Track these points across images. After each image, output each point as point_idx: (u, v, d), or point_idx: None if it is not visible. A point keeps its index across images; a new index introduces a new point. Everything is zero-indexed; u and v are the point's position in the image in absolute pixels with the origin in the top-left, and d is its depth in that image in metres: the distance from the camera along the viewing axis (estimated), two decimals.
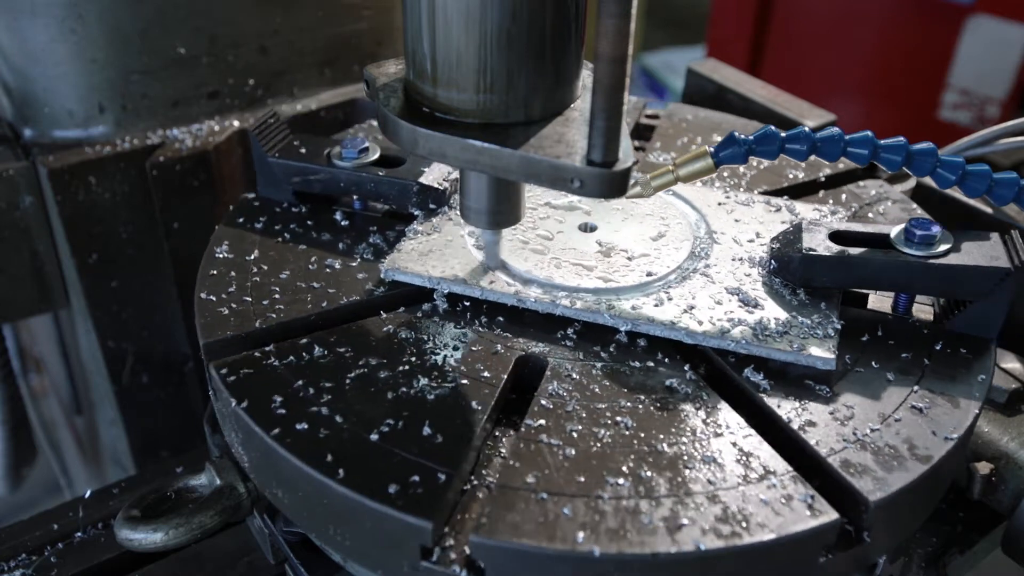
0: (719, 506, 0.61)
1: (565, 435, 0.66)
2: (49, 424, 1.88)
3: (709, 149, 0.78)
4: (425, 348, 0.74)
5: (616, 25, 0.58)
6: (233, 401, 0.68)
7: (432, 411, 0.67)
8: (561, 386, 0.70)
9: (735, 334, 0.74)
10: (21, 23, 1.06)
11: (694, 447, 0.65)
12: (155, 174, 1.11)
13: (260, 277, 0.81)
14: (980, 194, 0.77)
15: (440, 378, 0.71)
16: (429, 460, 0.63)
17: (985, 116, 2.69)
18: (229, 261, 0.83)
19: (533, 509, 0.60)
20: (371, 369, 0.71)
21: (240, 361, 0.72)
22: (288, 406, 0.68)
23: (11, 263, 1.13)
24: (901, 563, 0.79)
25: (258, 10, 1.16)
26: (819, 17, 3.03)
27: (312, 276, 0.82)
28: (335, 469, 0.62)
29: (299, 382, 0.70)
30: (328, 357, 0.73)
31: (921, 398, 0.71)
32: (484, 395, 0.69)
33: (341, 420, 0.66)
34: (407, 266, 0.81)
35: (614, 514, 0.60)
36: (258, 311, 0.77)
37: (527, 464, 0.63)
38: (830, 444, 0.66)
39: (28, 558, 0.84)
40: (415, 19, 0.67)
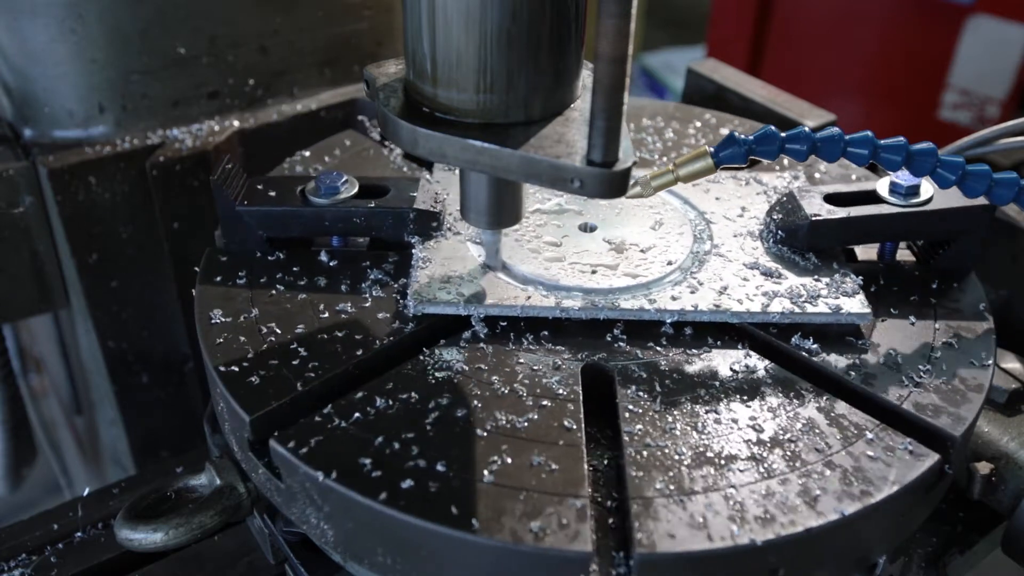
0: (837, 471, 0.64)
1: (669, 434, 0.67)
2: (49, 424, 1.88)
3: (709, 149, 0.78)
4: (488, 377, 0.71)
5: (616, 25, 0.58)
6: (319, 474, 0.62)
7: (530, 439, 0.66)
8: (638, 388, 0.71)
9: (775, 307, 0.77)
10: (21, 23, 1.06)
11: (787, 420, 0.68)
12: (155, 174, 1.11)
13: (275, 337, 0.75)
14: (980, 194, 0.77)
15: (519, 404, 0.69)
16: (555, 490, 0.61)
17: (985, 116, 2.69)
18: (231, 326, 0.76)
19: (678, 514, 0.60)
20: (445, 409, 0.68)
21: (303, 430, 0.66)
22: (381, 466, 0.63)
23: (11, 263, 1.13)
24: (901, 563, 0.79)
25: (258, 10, 1.16)
26: (819, 17, 3.02)
27: (330, 325, 0.76)
28: (466, 520, 0.59)
29: (379, 439, 0.65)
30: (395, 406, 0.68)
31: (945, 333, 0.78)
32: (571, 412, 0.68)
33: (444, 469, 0.63)
34: (435, 297, 0.77)
35: (752, 501, 0.61)
36: (293, 373, 0.71)
37: (650, 471, 0.63)
38: (896, 392, 0.71)
39: (28, 558, 0.84)
40: (415, 19, 0.67)
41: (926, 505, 0.70)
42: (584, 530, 0.59)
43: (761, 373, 0.73)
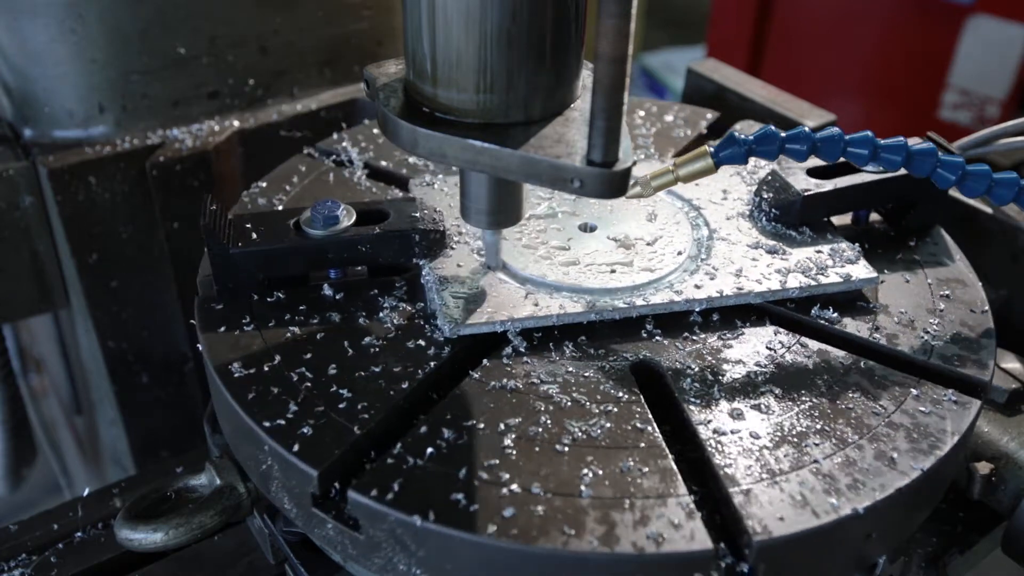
0: (901, 431, 0.68)
1: (738, 420, 0.68)
2: (49, 424, 1.88)
3: (709, 149, 0.78)
4: (547, 391, 0.70)
5: (616, 25, 0.58)
6: (416, 518, 0.59)
7: (611, 447, 0.65)
8: (692, 379, 0.72)
9: (792, 282, 0.80)
10: (21, 23, 1.06)
11: (838, 389, 0.72)
12: (155, 174, 1.11)
13: (310, 382, 0.70)
14: (980, 194, 0.77)
15: (586, 413, 0.68)
16: (655, 493, 0.62)
17: (985, 116, 2.69)
18: (257, 377, 0.70)
19: (778, 496, 0.62)
20: (517, 429, 0.66)
21: (380, 475, 0.62)
22: (475, 499, 0.61)
23: (11, 263, 1.13)
24: (901, 563, 0.79)
25: (258, 10, 1.17)
26: (819, 17, 3.03)
27: (364, 361, 0.72)
28: (582, 539, 0.58)
29: (462, 471, 0.63)
30: (465, 435, 0.66)
31: (939, 286, 0.83)
32: (639, 413, 0.68)
33: (540, 490, 0.61)
34: (471, 319, 0.75)
35: (839, 472, 0.64)
36: (345, 417, 0.67)
37: (735, 458, 0.65)
38: (920, 347, 0.76)
39: (28, 558, 0.84)
40: (415, 19, 0.67)
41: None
42: (699, 527, 0.59)
43: (797, 348, 0.76)
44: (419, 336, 0.75)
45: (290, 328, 0.75)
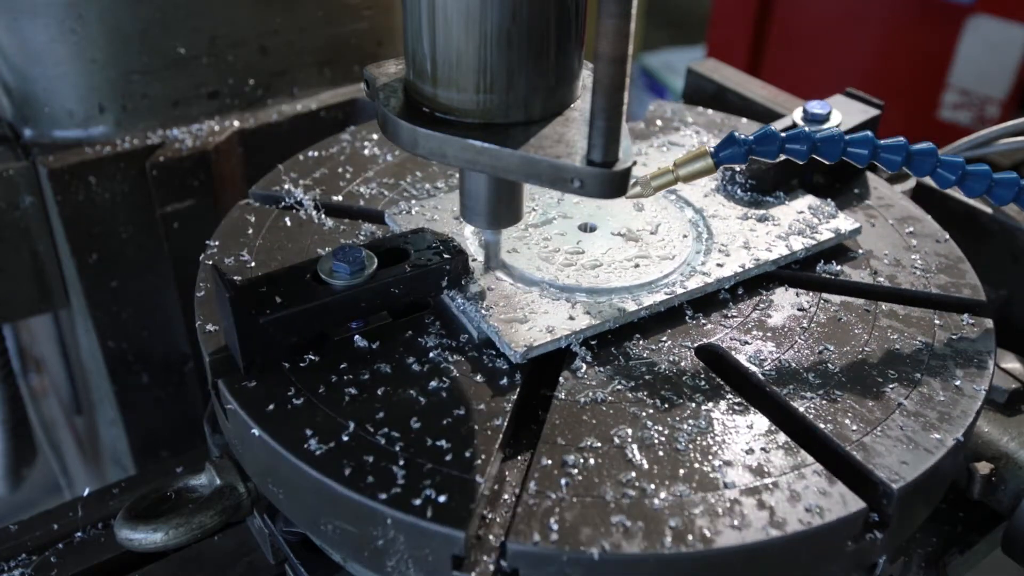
0: (949, 360, 0.74)
1: (823, 379, 0.72)
2: (49, 424, 1.88)
3: (709, 149, 0.78)
4: (640, 395, 0.70)
5: (616, 25, 0.58)
6: (595, 551, 0.58)
7: (731, 433, 0.67)
8: (755, 353, 0.74)
9: (796, 245, 0.84)
10: (21, 23, 1.06)
11: (880, 332, 0.77)
12: (155, 174, 1.11)
13: (403, 443, 0.65)
14: (980, 194, 0.77)
15: (693, 408, 0.69)
16: (806, 465, 0.64)
17: (985, 116, 2.69)
18: (342, 450, 0.64)
19: (899, 437, 0.67)
20: (638, 438, 0.66)
21: (529, 518, 0.60)
22: (639, 516, 0.60)
23: (11, 263, 1.13)
24: (901, 563, 0.79)
25: (258, 10, 1.16)
26: (819, 17, 3.02)
27: (440, 408, 0.68)
28: (751, 522, 0.60)
29: (607, 492, 0.62)
30: (590, 459, 0.64)
31: (900, 225, 0.91)
32: (729, 396, 0.70)
33: (698, 493, 0.62)
34: (534, 340, 0.72)
35: (925, 408, 0.69)
36: (460, 468, 0.63)
37: (842, 417, 0.68)
38: (919, 284, 0.83)
39: (28, 558, 0.84)
40: (415, 19, 0.67)
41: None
42: (845, 491, 0.62)
43: (822, 304, 0.80)
44: (482, 368, 0.72)
45: (345, 390, 0.69)
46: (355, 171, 0.97)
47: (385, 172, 0.97)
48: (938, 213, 0.95)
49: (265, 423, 0.66)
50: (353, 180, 0.96)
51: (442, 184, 0.95)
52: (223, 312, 0.70)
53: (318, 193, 0.92)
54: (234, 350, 0.70)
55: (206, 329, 0.75)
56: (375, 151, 1.00)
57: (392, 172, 0.97)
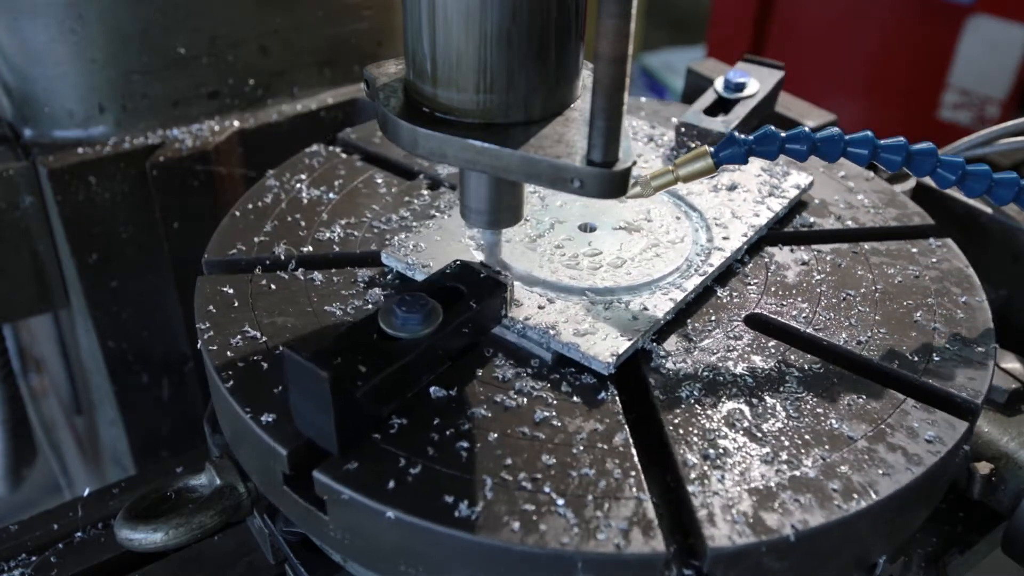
0: (944, 280, 0.84)
1: (863, 318, 0.78)
2: (49, 424, 1.88)
3: (709, 149, 0.78)
4: (727, 377, 0.72)
5: (616, 25, 0.58)
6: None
7: (837, 391, 0.71)
8: (796, 314, 0.79)
9: (775, 206, 0.90)
10: (21, 23, 1.06)
11: (884, 271, 0.85)
12: (155, 174, 1.11)
13: (549, 485, 0.62)
14: (980, 194, 0.77)
15: (786, 376, 0.72)
16: (915, 407, 0.70)
17: (985, 116, 2.69)
18: (499, 505, 0.60)
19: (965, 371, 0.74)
20: (762, 416, 0.68)
21: (708, 527, 0.59)
22: (793, 488, 0.62)
23: (11, 263, 1.13)
24: (901, 563, 0.79)
25: (258, 10, 1.16)
26: (819, 17, 3.02)
27: (560, 438, 0.65)
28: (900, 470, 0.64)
29: (748, 483, 0.62)
30: (721, 448, 0.65)
31: (829, 170, 0.99)
32: (798, 361, 0.74)
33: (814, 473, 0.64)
34: (617, 348, 0.71)
35: (944, 326, 0.79)
36: (616, 492, 0.62)
37: (897, 351, 0.75)
38: (881, 220, 0.91)
39: (28, 558, 0.84)
40: (415, 19, 0.67)
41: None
42: (946, 415, 0.69)
43: (818, 255, 0.86)
44: (572, 388, 0.70)
45: (457, 445, 0.64)
46: (305, 218, 0.89)
47: (337, 212, 0.90)
48: (938, 213, 0.96)
49: (398, 503, 0.60)
50: (310, 227, 0.88)
51: (405, 212, 0.90)
52: (304, 396, 0.61)
53: (283, 249, 0.84)
54: (322, 434, 0.62)
55: (262, 420, 0.66)
56: (313, 193, 0.93)
57: (345, 211, 0.91)
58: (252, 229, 0.88)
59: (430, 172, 0.98)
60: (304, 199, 0.92)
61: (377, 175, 0.97)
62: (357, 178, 0.96)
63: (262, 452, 0.66)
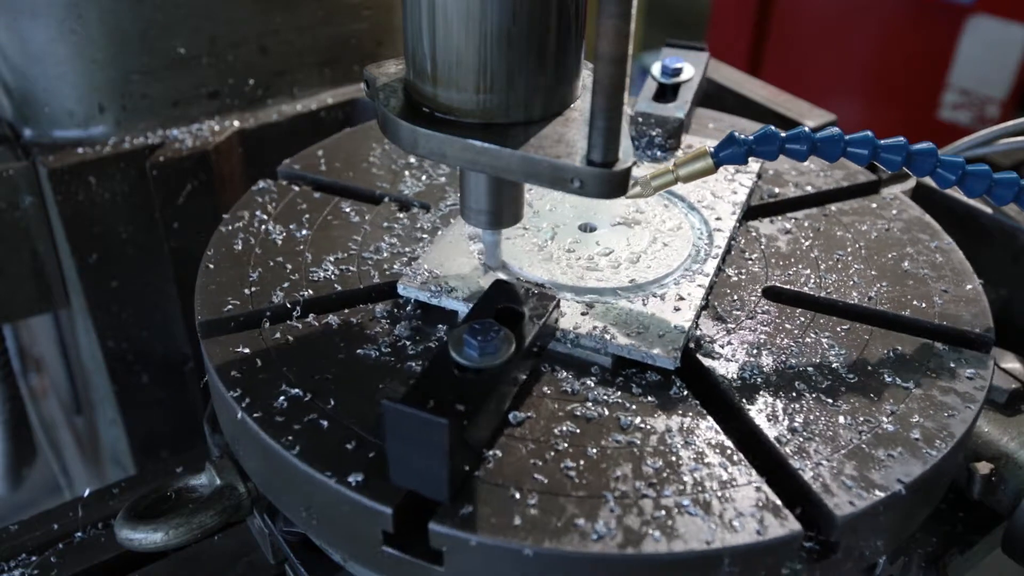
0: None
1: (869, 284, 0.82)
2: (49, 424, 1.88)
3: (709, 149, 0.78)
4: (778, 346, 0.75)
5: (616, 25, 0.58)
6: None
7: (863, 339, 0.76)
8: (803, 280, 0.83)
9: (747, 182, 0.94)
10: (21, 23, 1.06)
11: (874, 220, 0.91)
12: (155, 174, 1.11)
13: (690, 495, 0.61)
14: (980, 194, 0.77)
15: (820, 336, 0.76)
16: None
17: (985, 116, 2.69)
18: (639, 523, 0.59)
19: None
20: (837, 384, 0.71)
21: (844, 499, 0.61)
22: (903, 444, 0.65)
23: (11, 263, 1.13)
24: (901, 563, 0.79)
25: (258, 10, 1.17)
26: (819, 17, 3.02)
27: (665, 445, 0.65)
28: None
29: (852, 448, 0.64)
30: (816, 419, 0.67)
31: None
32: (830, 324, 0.78)
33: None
34: (675, 343, 0.72)
35: (927, 271, 0.85)
36: (752, 489, 0.62)
37: (920, 299, 0.81)
38: (833, 182, 0.97)
39: (28, 558, 0.84)
40: (415, 19, 0.67)
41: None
42: (967, 350, 0.76)
43: (799, 221, 0.91)
44: (643, 389, 0.70)
45: (564, 470, 0.63)
46: (288, 260, 0.83)
47: (320, 248, 0.84)
48: (938, 213, 0.96)
49: (532, 537, 0.57)
50: (298, 269, 0.82)
51: (391, 239, 0.86)
52: (409, 446, 0.57)
53: (282, 296, 0.78)
54: (430, 483, 0.58)
55: (350, 482, 0.60)
56: (283, 232, 0.87)
57: (327, 246, 0.85)
58: (238, 280, 0.80)
59: (393, 194, 0.93)
60: (277, 240, 0.86)
61: (342, 204, 0.91)
62: (322, 210, 0.90)
63: (355, 516, 0.61)
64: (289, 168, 0.98)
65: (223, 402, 0.70)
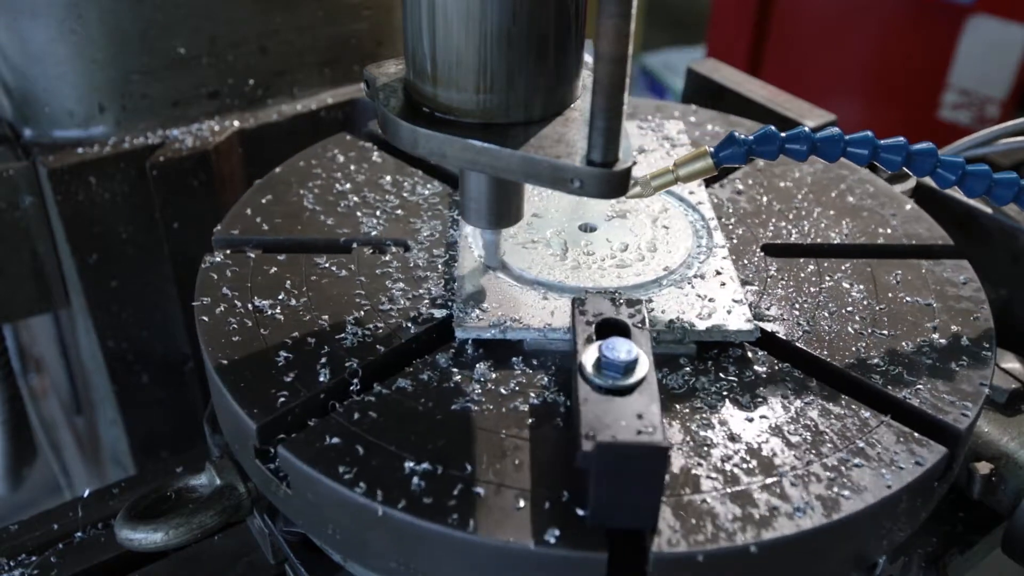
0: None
1: (849, 236, 0.88)
2: (49, 424, 1.88)
3: (709, 149, 0.78)
4: (807, 306, 0.79)
5: (616, 25, 0.58)
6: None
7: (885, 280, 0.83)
8: (799, 232, 0.88)
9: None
10: (21, 23, 1.06)
11: (850, 184, 0.97)
12: (155, 174, 1.11)
13: (835, 465, 0.64)
14: (980, 194, 0.77)
15: (847, 285, 0.82)
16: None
17: (985, 116, 2.69)
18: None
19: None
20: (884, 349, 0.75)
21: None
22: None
23: (11, 263, 1.13)
24: (901, 563, 0.79)
25: (258, 10, 1.16)
26: (819, 17, 3.03)
27: (813, 417, 0.67)
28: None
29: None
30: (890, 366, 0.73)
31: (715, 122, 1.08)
32: (842, 265, 0.84)
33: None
34: (745, 316, 0.75)
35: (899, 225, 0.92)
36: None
37: (911, 237, 0.88)
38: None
39: (28, 558, 0.84)
40: (415, 19, 0.67)
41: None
42: (957, 264, 0.85)
43: (739, 182, 0.96)
44: (749, 366, 0.72)
45: (726, 463, 0.63)
46: (308, 334, 0.73)
47: (328, 311, 0.76)
48: (938, 213, 0.96)
49: (755, 533, 0.58)
50: (325, 343, 0.72)
51: (401, 285, 0.79)
52: (624, 481, 0.56)
53: (327, 375, 0.69)
54: (640, 514, 0.57)
55: (548, 540, 0.57)
56: (274, 303, 0.77)
57: (334, 309, 0.76)
58: (268, 371, 0.70)
59: (360, 239, 0.84)
60: (277, 316, 0.75)
61: (316, 260, 0.81)
62: (299, 271, 0.80)
63: (568, 572, 0.57)
64: (227, 235, 0.84)
65: (353, 504, 0.60)
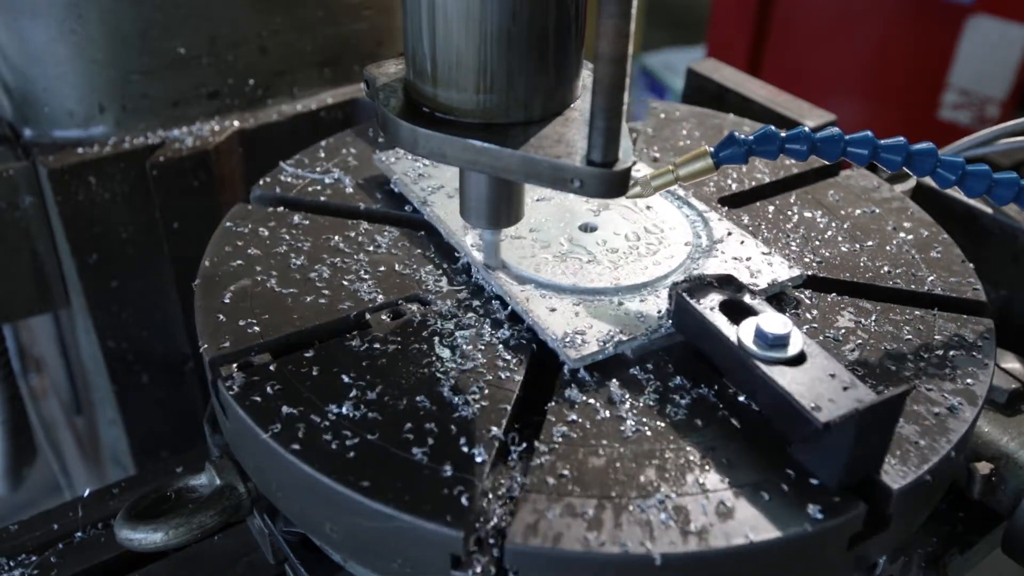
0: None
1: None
2: (49, 424, 1.88)
3: (709, 149, 0.78)
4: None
5: (616, 25, 0.58)
6: None
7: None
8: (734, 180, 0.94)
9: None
10: (21, 23, 1.06)
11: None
12: (155, 174, 1.11)
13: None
14: (980, 194, 0.77)
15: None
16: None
17: (985, 116, 2.69)
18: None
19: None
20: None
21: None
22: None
23: (11, 263, 1.13)
24: (901, 563, 0.79)
25: (258, 10, 1.16)
26: (819, 17, 3.03)
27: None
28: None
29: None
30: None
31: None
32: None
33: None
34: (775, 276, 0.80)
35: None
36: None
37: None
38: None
39: (28, 558, 0.84)
40: (415, 19, 0.67)
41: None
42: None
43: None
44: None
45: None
46: (427, 424, 0.66)
47: (390, 376, 0.71)
48: (938, 213, 0.96)
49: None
50: (451, 431, 0.65)
51: (469, 349, 0.73)
52: (871, 435, 0.59)
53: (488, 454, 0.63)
54: (874, 462, 0.61)
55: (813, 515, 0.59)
56: (353, 413, 0.67)
57: (409, 398, 0.68)
58: (334, 387, 0.69)
59: (373, 306, 0.77)
60: (372, 416, 0.66)
61: (349, 343, 0.73)
62: (355, 363, 0.71)
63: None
64: (219, 352, 0.72)
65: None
